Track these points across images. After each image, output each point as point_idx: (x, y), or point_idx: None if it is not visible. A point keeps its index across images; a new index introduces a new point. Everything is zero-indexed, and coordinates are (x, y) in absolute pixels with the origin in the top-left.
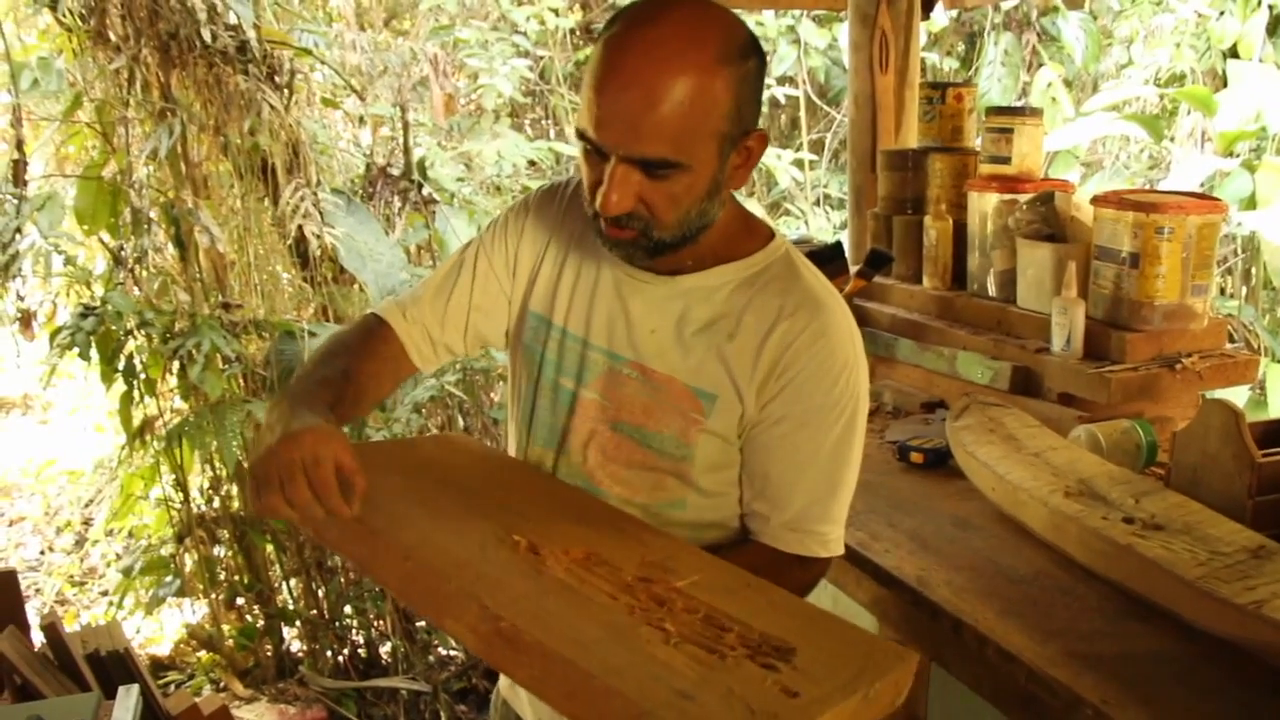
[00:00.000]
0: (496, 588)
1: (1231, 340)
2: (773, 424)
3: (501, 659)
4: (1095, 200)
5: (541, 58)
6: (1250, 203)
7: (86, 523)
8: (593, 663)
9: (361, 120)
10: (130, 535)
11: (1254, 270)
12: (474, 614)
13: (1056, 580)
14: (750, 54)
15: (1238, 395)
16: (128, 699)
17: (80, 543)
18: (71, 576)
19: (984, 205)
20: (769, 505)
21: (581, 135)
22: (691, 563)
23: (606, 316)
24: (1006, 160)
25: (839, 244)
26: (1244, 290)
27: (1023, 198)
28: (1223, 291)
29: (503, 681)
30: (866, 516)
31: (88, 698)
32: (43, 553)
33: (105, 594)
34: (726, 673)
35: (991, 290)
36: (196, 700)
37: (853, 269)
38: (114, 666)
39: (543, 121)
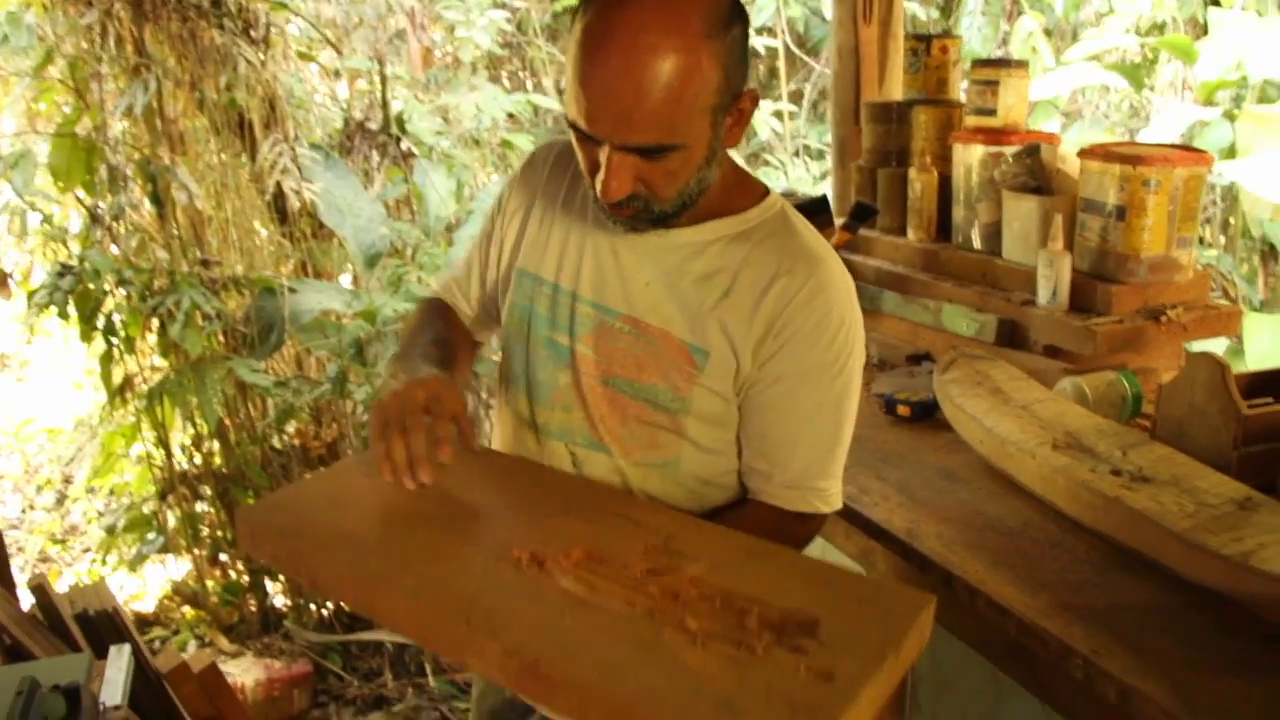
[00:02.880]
0: (512, 619)
1: (1210, 289)
2: (772, 382)
3: (535, 693)
4: (1081, 153)
5: (518, 9)
6: (1230, 152)
7: (67, 480)
8: (629, 690)
9: (336, 74)
10: (111, 493)
11: (1233, 220)
12: (497, 652)
13: (1045, 532)
14: (734, 20)
15: (1216, 345)
16: (119, 658)
17: (61, 500)
18: (53, 534)
19: (969, 158)
20: (770, 463)
21: (573, 126)
22: (692, 538)
23: (597, 270)
24: (992, 112)
25: (824, 197)
26: (1222, 240)
27: (1008, 150)
28: (1202, 241)
29: None
30: (854, 470)
31: (79, 658)
32: (24, 511)
33: (87, 551)
34: (759, 667)
35: (977, 243)
36: (185, 658)
37: (838, 222)
38: (103, 625)
39: (520, 74)
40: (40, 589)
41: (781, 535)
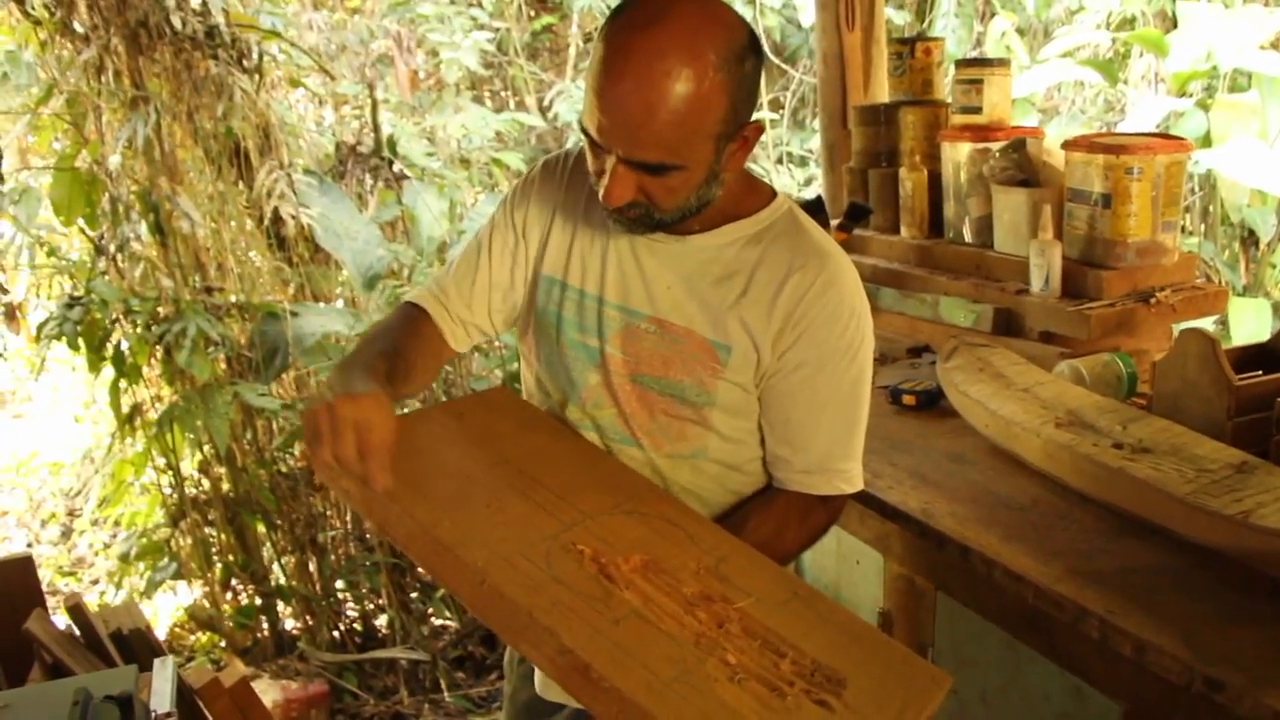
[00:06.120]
0: (571, 617)
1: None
2: (791, 370)
3: (578, 690)
4: (1066, 145)
5: (499, 29)
6: (1206, 141)
7: (72, 514)
8: (669, 713)
9: (320, 101)
10: (117, 523)
11: (1211, 207)
12: (553, 648)
13: (1053, 506)
14: (748, 55)
15: (1204, 325)
16: (164, 670)
17: (67, 534)
18: (61, 567)
19: (957, 155)
20: (791, 449)
21: (585, 132)
22: (741, 564)
23: (620, 275)
24: (978, 110)
25: (820, 199)
26: (1203, 227)
27: (995, 145)
28: (1183, 230)
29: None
30: (866, 457)
31: (127, 670)
32: (29, 545)
33: (96, 583)
34: (788, 716)
35: (968, 236)
36: (216, 674)
37: (833, 223)
38: (136, 643)
39: (502, 93)
40: (77, 609)
41: (807, 521)
